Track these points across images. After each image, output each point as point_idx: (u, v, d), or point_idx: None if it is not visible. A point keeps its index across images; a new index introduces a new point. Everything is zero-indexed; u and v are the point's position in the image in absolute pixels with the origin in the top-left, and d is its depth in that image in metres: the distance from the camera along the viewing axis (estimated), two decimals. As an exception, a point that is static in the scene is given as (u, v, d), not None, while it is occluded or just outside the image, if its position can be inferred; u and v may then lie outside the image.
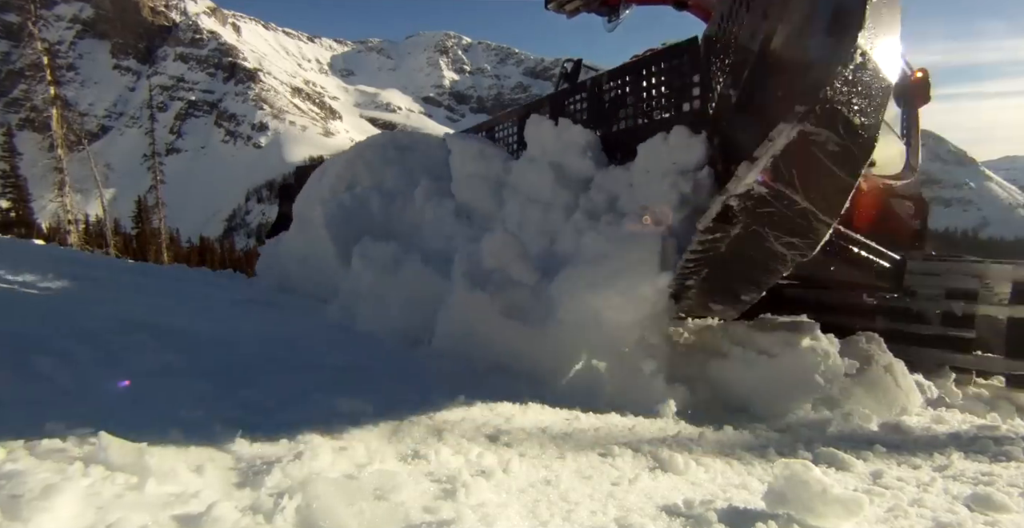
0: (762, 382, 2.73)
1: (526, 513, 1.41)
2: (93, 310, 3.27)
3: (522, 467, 1.67)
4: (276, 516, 1.20)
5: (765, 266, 2.30)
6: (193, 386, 2.02)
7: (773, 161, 2.00)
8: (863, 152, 2.04)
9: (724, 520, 1.45)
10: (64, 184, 22.77)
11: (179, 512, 1.16)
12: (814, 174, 2.04)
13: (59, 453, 1.32)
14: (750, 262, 2.34)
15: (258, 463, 1.43)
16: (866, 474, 1.98)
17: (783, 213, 2.10)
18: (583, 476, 1.69)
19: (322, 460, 1.46)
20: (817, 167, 2.02)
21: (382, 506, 1.31)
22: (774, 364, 2.73)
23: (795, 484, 1.49)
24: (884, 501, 1.71)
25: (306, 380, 2.24)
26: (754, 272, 2.39)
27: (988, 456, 2.28)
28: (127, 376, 2.00)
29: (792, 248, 2.20)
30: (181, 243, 51.50)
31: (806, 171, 2.03)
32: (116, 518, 1.10)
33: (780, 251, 2.21)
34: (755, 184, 2.05)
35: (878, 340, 3.29)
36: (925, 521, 1.59)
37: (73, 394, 1.77)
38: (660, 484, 1.71)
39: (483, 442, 1.85)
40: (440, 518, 1.28)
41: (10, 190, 27.60)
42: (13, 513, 1.06)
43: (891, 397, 2.95)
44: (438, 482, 1.49)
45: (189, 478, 1.30)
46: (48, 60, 23.35)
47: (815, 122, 1.93)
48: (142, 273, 6.45)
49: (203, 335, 2.99)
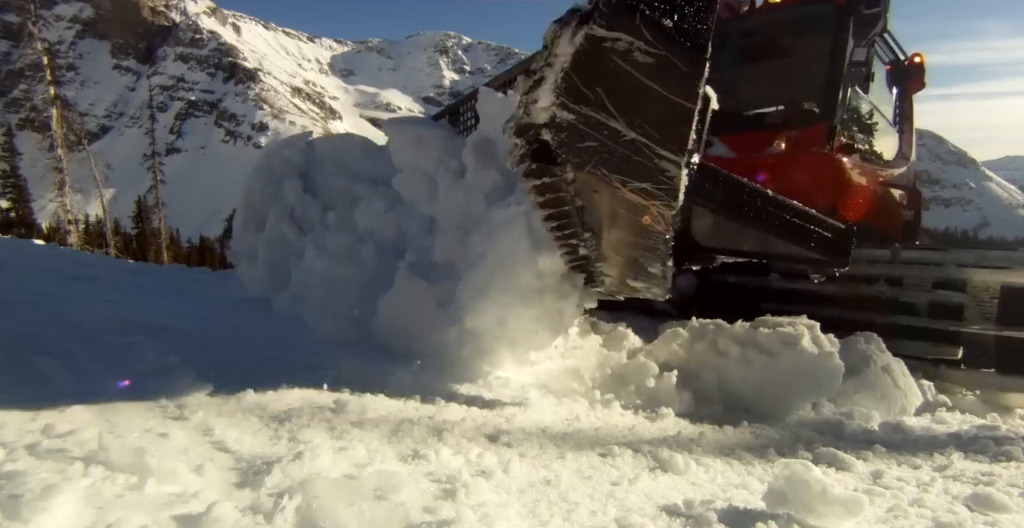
0: (762, 381, 2.72)
1: (526, 513, 1.41)
2: (93, 310, 3.27)
3: (522, 467, 1.67)
4: (276, 516, 1.20)
5: (638, 224, 1.99)
6: (195, 385, 2.02)
7: (566, 77, 1.63)
8: (693, 64, 1.63)
9: (724, 520, 1.45)
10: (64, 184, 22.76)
11: (179, 512, 1.17)
12: (629, 93, 1.67)
13: (59, 453, 1.32)
14: (621, 220, 2.07)
15: (258, 463, 1.43)
16: (866, 474, 1.98)
17: (611, 147, 1.74)
18: (583, 476, 1.69)
19: (322, 460, 1.46)
20: (629, 84, 1.65)
21: (382, 506, 1.31)
22: (774, 364, 2.73)
23: (795, 484, 1.49)
24: (884, 501, 1.71)
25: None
26: (636, 234, 2.09)
27: (988, 456, 2.28)
28: (126, 376, 2.00)
29: (649, 196, 1.84)
30: (181, 243, 51.51)
31: (616, 89, 1.67)
32: (116, 518, 1.10)
33: (639, 201, 1.86)
34: (554, 109, 1.69)
35: (877, 340, 3.28)
36: (925, 521, 1.59)
37: (73, 394, 1.77)
38: (660, 484, 1.71)
39: (483, 442, 1.85)
40: (440, 518, 1.28)
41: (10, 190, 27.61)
42: (13, 513, 1.06)
43: (891, 397, 2.95)
44: (438, 482, 1.49)
45: (189, 478, 1.30)
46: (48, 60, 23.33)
47: (604, 23, 1.56)
48: (143, 273, 6.45)
49: (199, 335, 2.99)
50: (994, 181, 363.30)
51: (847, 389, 2.88)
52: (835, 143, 4.48)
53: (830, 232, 2.62)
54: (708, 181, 2.29)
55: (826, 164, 4.48)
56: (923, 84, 5.66)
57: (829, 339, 2.84)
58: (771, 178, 4.36)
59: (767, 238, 2.54)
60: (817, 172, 4.46)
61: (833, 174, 4.51)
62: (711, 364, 2.87)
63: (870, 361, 3.06)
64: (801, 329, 2.83)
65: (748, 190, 2.48)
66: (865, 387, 2.94)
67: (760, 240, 2.56)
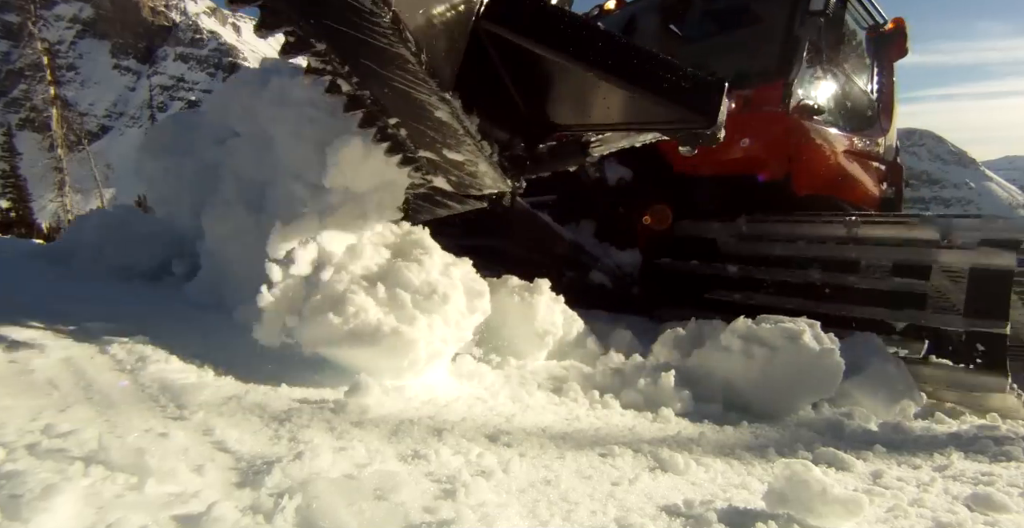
0: (763, 376, 2.72)
1: (526, 513, 1.41)
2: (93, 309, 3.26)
3: (522, 467, 1.67)
4: (276, 516, 1.20)
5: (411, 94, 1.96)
6: (195, 385, 2.02)
7: None
8: None
9: (724, 520, 1.45)
10: (64, 184, 22.80)
11: (179, 512, 1.17)
12: None
13: (59, 453, 1.32)
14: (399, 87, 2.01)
15: (258, 463, 1.43)
16: (866, 474, 1.98)
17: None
18: (583, 476, 1.69)
19: (322, 460, 1.46)
20: None
21: (382, 506, 1.31)
22: (775, 358, 2.72)
23: (795, 484, 1.49)
24: (884, 501, 1.71)
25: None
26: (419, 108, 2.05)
27: (988, 456, 2.28)
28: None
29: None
30: (181, 243, 51.41)
31: None
32: (116, 518, 1.11)
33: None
34: None
35: (877, 340, 3.28)
36: (925, 521, 1.59)
37: (73, 394, 1.77)
38: (660, 484, 1.71)
39: (483, 442, 1.85)
40: (440, 518, 1.28)
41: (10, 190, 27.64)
42: (13, 513, 1.06)
43: (891, 397, 2.95)
44: (438, 482, 1.49)
45: (189, 478, 1.30)
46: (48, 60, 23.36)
47: None
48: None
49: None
50: (994, 181, 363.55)
51: (847, 389, 2.89)
52: (792, 103, 4.06)
53: (688, 82, 2.12)
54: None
55: (778, 125, 4.09)
56: (905, 51, 5.29)
57: (830, 337, 2.84)
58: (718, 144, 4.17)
59: (619, 105, 2.24)
60: (768, 134, 4.09)
61: (787, 136, 4.14)
62: (711, 361, 2.86)
63: (870, 361, 3.06)
64: (803, 326, 2.83)
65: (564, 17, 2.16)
66: (865, 387, 2.94)
67: (611, 108, 2.27)
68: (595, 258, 4.11)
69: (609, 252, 4.22)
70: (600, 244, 4.24)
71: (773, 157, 4.07)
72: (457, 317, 2.33)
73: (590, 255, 4.10)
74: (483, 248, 3.63)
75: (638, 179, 4.27)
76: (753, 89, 4.14)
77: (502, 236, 3.69)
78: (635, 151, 4.28)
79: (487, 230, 3.58)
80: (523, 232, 3.73)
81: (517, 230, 3.69)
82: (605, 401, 2.50)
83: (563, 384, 2.62)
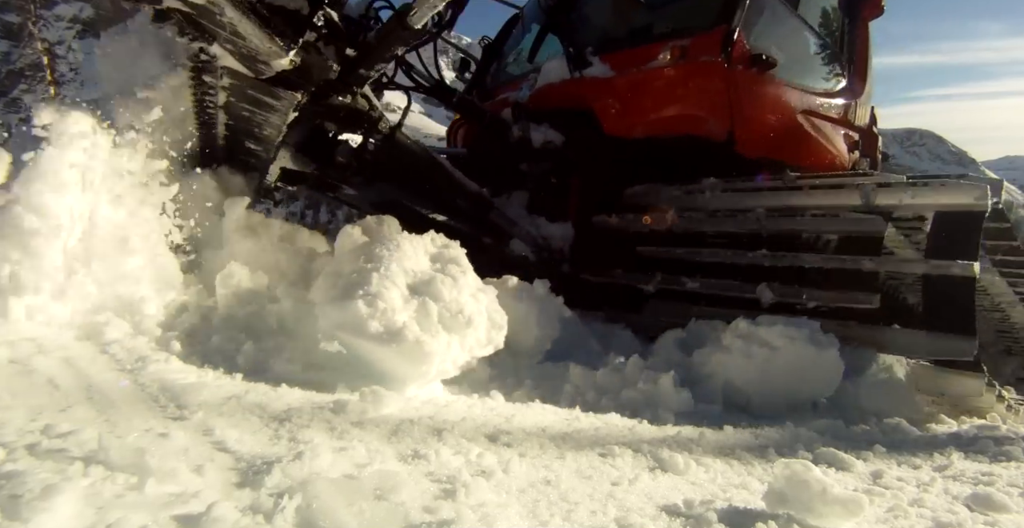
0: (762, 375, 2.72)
1: (526, 513, 1.41)
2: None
3: (522, 467, 1.67)
4: (276, 516, 1.20)
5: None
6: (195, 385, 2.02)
7: None
8: None
9: (724, 520, 1.45)
10: (64, 184, 22.77)
11: (179, 512, 1.16)
12: None
13: (59, 453, 1.31)
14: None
15: (258, 463, 1.43)
16: (866, 474, 1.98)
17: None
18: (583, 476, 1.69)
19: (322, 460, 1.46)
20: None
21: (382, 506, 1.31)
22: (773, 361, 2.72)
23: (795, 484, 1.49)
24: (884, 501, 1.71)
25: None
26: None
27: (988, 456, 2.27)
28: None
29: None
30: (181, 243, 51.43)
31: None
32: (116, 518, 1.10)
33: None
34: None
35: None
36: (925, 521, 1.59)
37: (73, 394, 1.77)
38: (660, 484, 1.71)
39: (483, 442, 1.85)
40: (440, 518, 1.28)
41: (10, 190, 27.56)
42: (13, 513, 1.06)
43: (891, 397, 2.95)
44: (438, 482, 1.48)
45: (189, 478, 1.30)
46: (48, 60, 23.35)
47: None
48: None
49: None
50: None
51: (847, 389, 2.88)
52: (736, 52, 3.56)
53: None
54: None
55: (716, 76, 3.58)
56: (881, 9, 4.80)
57: (830, 337, 2.84)
58: (651, 99, 3.68)
59: None
60: (705, 87, 3.63)
61: (727, 89, 3.63)
62: (711, 361, 2.86)
63: (870, 360, 3.06)
64: (803, 326, 2.84)
65: None
66: (865, 387, 2.94)
67: None
68: (511, 221, 3.66)
69: (538, 223, 3.85)
70: (529, 216, 3.88)
71: (712, 114, 3.64)
72: (473, 344, 2.31)
73: (503, 215, 3.64)
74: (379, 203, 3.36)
75: (568, 143, 3.86)
76: (690, 38, 3.67)
77: (390, 179, 3.26)
78: (564, 113, 3.82)
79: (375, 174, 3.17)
80: (412, 175, 3.26)
81: (404, 171, 3.22)
82: (605, 401, 2.50)
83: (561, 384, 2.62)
